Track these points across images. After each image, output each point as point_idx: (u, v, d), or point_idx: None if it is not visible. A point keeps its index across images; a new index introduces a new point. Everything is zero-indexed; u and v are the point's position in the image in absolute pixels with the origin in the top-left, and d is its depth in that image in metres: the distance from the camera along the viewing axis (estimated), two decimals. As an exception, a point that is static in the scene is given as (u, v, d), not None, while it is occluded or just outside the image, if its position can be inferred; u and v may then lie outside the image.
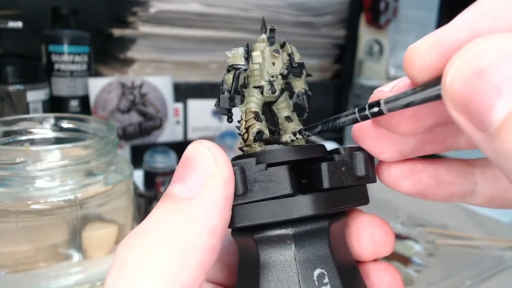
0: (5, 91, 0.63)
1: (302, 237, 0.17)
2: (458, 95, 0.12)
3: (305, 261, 0.17)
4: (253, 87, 0.20)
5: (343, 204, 0.18)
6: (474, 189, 0.18)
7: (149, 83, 0.80)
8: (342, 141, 1.00)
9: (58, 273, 0.40)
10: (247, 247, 0.18)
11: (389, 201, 0.66)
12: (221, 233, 0.16)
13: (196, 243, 0.15)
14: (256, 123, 0.19)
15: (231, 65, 0.20)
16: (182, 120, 0.87)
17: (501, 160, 0.11)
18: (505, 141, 0.11)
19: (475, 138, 0.12)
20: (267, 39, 0.20)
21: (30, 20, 0.73)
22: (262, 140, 0.19)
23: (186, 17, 0.81)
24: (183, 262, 0.14)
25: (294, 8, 0.91)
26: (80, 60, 0.74)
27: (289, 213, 0.17)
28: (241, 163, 0.17)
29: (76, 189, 0.39)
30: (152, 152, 0.69)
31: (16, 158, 0.36)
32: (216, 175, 0.16)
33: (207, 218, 0.15)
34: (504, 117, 0.11)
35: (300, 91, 0.21)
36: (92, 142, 0.40)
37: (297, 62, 0.21)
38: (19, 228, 0.39)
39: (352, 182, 0.18)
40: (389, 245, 0.19)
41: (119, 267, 0.15)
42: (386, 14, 0.99)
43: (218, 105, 0.20)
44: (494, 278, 0.48)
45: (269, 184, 0.17)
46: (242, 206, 0.17)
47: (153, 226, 0.15)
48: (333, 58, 1.03)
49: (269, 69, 0.20)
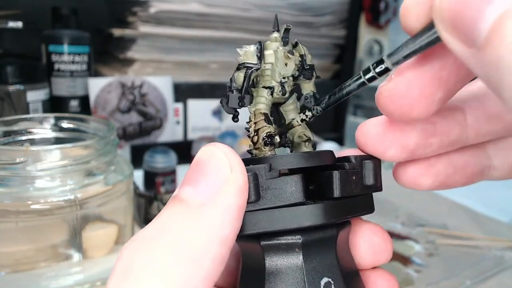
0: (5, 91, 0.63)
1: (310, 246, 0.17)
2: (447, 11, 0.12)
3: (313, 270, 0.17)
4: (262, 87, 0.19)
5: (351, 213, 0.18)
6: (491, 164, 0.18)
7: (149, 83, 0.80)
8: (342, 141, 1.00)
9: (58, 273, 0.40)
10: (253, 253, 0.18)
11: (389, 201, 0.66)
12: (232, 242, 0.15)
13: (206, 252, 0.14)
14: (266, 126, 0.19)
15: (242, 63, 0.19)
16: (182, 120, 0.87)
17: (491, 72, 0.11)
18: (494, 49, 0.11)
19: (465, 57, 0.12)
20: (280, 39, 0.20)
21: (30, 20, 0.73)
22: (273, 144, 0.19)
23: (186, 17, 0.81)
24: (191, 271, 0.14)
25: (294, 8, 0.91)
26: (80, 60, 0.74)
27: (299, 222, 0.16)
28: (254, 169, 0.16)
29: (76, 189, 0.39)
30: (152, 152, 0.69)
31: (16, 158, 0.36)
32: (231, 182, 0.15)
33: (219, 227, 0.14)
34: (492, 24, 0.11)
35: (308, 93, 0.21)
36: (92, 142, 0.40)
37: (308, 64, 0.20)
38: (19, 228, 0.39)
39: (361, 191, 0.18)
40: (388, 253, 0.19)
41: (123, 272, 0.14)
42: (386, 14, 0.99)
43: (226, 103, 0.19)
44: (494, 278, 0.48)
45: (281, 192, 0.16)
46: (253, 213, 0.16)
47: (160, 231, 0.14)
48: (333, 58, 1.03)
49: (281, 70, 0.19)
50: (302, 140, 0.20)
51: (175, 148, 0.72)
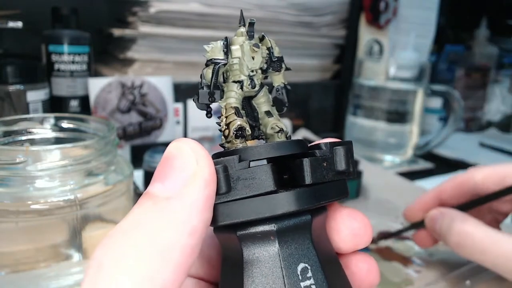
0: (5, 91, 0.63)
1: (285, 233, 0.17)
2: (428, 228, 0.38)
3: (289, 256, 0.17)
4: (232, 82, 0.20)
5: (325, 199, 0.18)
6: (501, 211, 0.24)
7: (149, 83, 0.80)
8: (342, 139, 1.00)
9: (58, 273, 0.40)
10: (230, 243, 0.18)
11: (389, 201, 0.66)
12: (201, 233, 0.15)
13: (175, 244, 0.14)
14: (237, 119, 0.19)
15: (209, 59, 0.20)
16: (182, 120, 0.87)
17: None
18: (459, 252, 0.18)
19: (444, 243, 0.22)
20: (246, 33, 0.20)
21: (30, 20, 0.73)
22: (243, 137, 0.19)
23: (186, 17, 0.81)
24: (161, 264, 0.14)
25: (294, 8, 0.91)
26: (80, 60, 0.74)
27: (272, 210, 0.17)
28: (224, 161, 0.17)
29: (76, 189, 0.39)
30: (152, 152, 0.69)
31: (16, 158, 0.36)
32: (197, 175, 0.15)
33: (186, 219, 0.15)
34: None
35: (279, 85, 0.21)
36: (92, 142, 0.40)
37: (276, 56, 0.21)
38: (19, 228, 0.39)
39: (333, 177, 0.18)
40: (367, 237, 0.20)
41: (95, 270, 0.14)
42: (386, 14, 0.99)
43: (197, 100, 0.20)
44: (494, 278, 0.47)
45: (252, 182, 0.17)
46: (225, 204, 0.17)
47: (131, 227, 0.15)
48: (333, 58, 1.03)
49: (248, 64, 0.20)
50: (275, 131, 0.21)
51: (175, 148, 0.72)
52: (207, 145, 0.77)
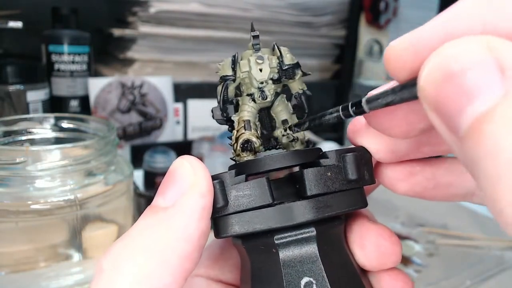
0: (5, 91, 0.63)
1: (287, 246, 0.17)
2: (431, 97, 0.12)
3: (292, 270, 0.17)
4: (246, 95, 0.20)
5: (332, 210, 0.17)
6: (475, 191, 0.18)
7: (149, 83, 0.80)
8: (342, 140, 1.00)
9: (58, 273, 0.40)
10: (242, 253, 0.19)
11: (389, 201, 0.66)
12: (198, 241, 0.16)
13: (172, 249, 0.15)
14: (244, 132, 0.19)
15: (221, 77, 0.20)
16: (182, 120, 0.87)
17: (468, 164, 0.11)
18: (471, 147, 0.11)
19: (447, 139, 0.12)
20: (252, 46, 0.20)
21: (30, 20, 0.73)
22: (251, 149, 0.19)
23: (186, 17, 0.81)
24: (157, 267, 0.15)
25: (294, 8, 0.91)
26: (80, 60, 0.74)
27: (267, 223, 0.17)
28: (220, 177, 0.17)
29: (76, 189, 0.39)
30: (152, 152, 0.69)
31: (16, 158, 0.36)
32: (194, 186, 0.16)
33: (184, 226, 0.16)
34: (471, 123, 0.11)
35: (297, 92, 0.21)
36: (92, 142, 0.40)
37: (288, 64, 0.20)
38: (19, 228, 0.39)
39: (342, 186, 0.17)
40: (395, 257, 0.19)
41: (97, 275, 0.16)
42: (386, 14, 0.99)
43: (213, 116, 0.20)
44: (494, 278, 0.48)
45: (247, 196, 0.17)
46: (223, 217, 0.17)
47: (132, 236, 0.16)
48: (333, 58, 1.03)
49: (256, 76, 0.20)
50: (289, 140, 0.21)
51: (175, 148, 0.72)
52: (207, 145, 0.77)
